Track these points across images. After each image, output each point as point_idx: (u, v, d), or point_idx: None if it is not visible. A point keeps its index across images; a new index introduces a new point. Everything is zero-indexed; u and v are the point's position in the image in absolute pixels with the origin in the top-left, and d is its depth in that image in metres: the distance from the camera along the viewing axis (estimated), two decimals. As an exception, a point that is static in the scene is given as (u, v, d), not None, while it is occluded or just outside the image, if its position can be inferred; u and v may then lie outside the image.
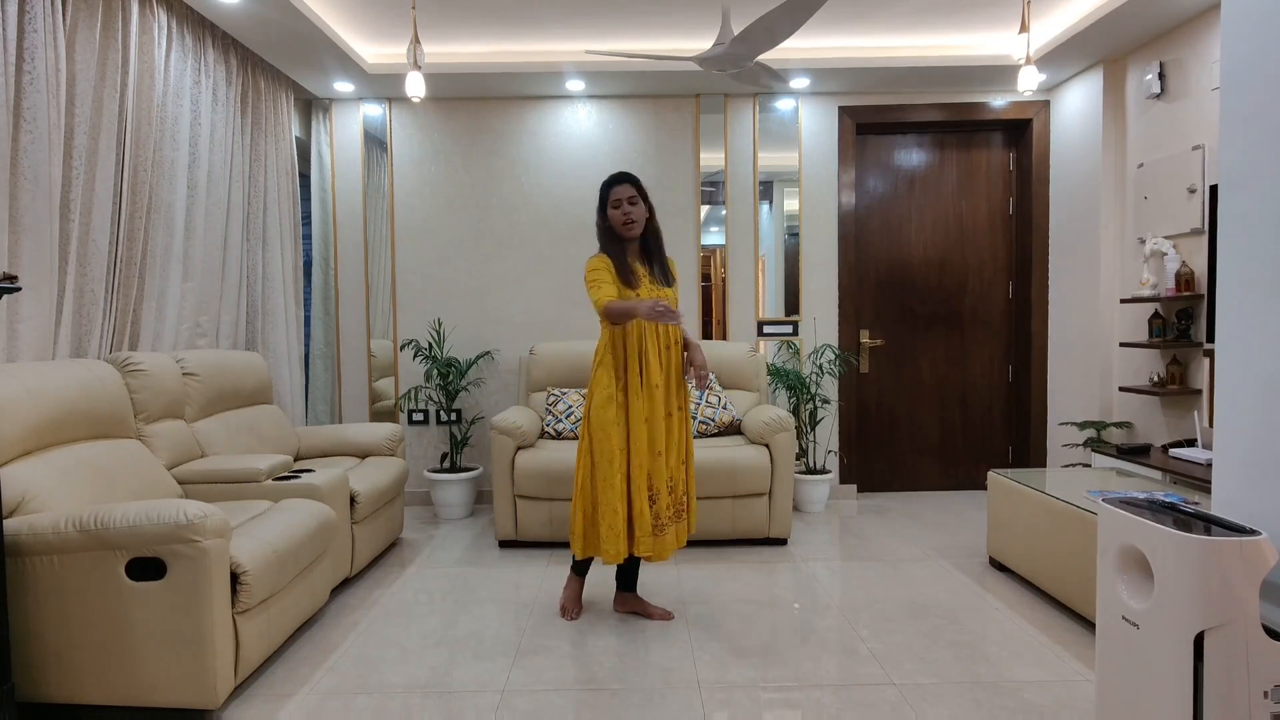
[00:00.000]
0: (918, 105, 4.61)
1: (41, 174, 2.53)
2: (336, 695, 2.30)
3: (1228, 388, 1.74)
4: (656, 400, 2.70)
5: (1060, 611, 2.88)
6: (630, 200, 2.72)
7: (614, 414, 2.67)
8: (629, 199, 2.72)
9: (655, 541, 2.69)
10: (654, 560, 2.71)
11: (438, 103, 4.63)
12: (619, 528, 2.66)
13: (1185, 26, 3.60)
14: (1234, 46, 1.71)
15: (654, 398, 2.70)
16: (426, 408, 4.68)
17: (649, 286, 2.74)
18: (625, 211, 2.71)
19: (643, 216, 2.74)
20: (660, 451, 2.70)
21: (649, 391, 2.70)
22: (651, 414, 2.70)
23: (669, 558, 2.73)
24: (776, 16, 2.63)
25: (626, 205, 2.71)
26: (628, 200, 2.71)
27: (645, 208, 2.76)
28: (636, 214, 2.72)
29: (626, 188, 2.72)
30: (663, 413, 2.71)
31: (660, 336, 2.73)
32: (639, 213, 2.73)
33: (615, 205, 2.73)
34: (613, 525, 2.66)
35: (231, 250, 3.71)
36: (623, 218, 2.72)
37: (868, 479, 4.86)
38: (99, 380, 2.59)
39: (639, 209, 2.73)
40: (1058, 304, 4.53)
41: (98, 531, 2.04)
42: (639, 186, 2.75)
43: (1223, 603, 1.46)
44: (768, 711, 2.18)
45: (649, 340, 2.71)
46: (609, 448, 2.66)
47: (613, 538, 2.66)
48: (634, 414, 2.68)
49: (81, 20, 2.76)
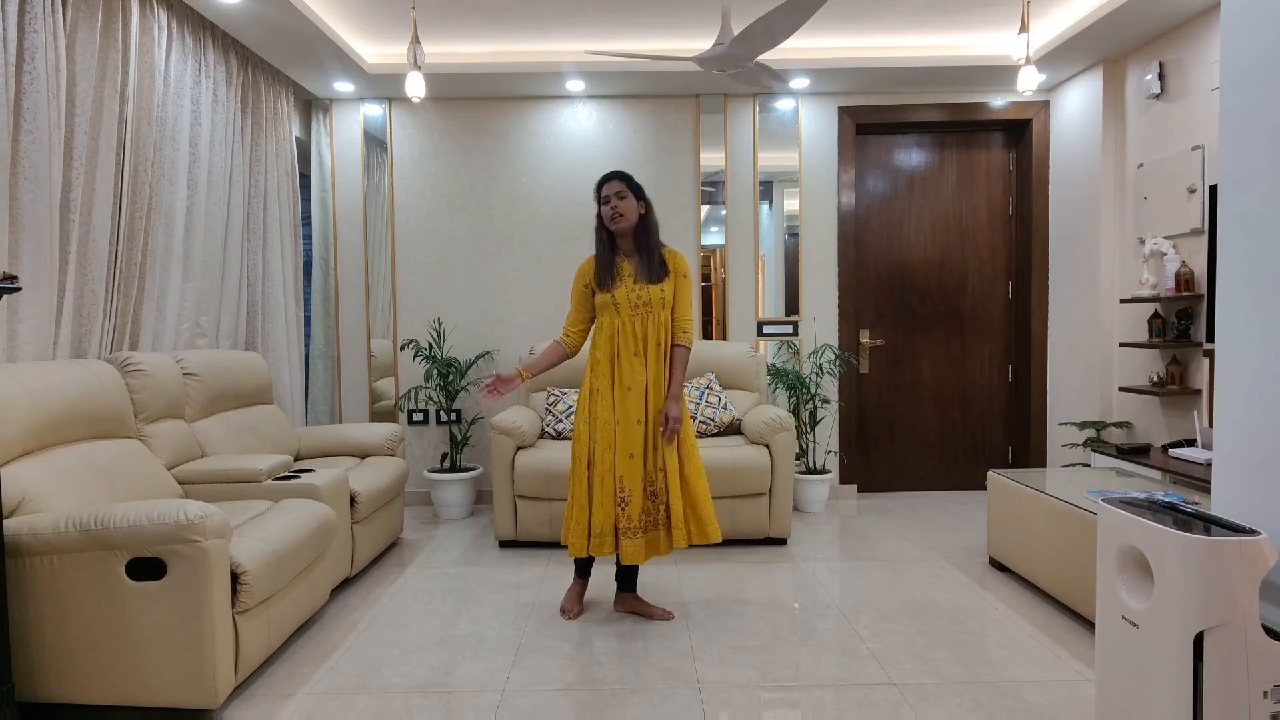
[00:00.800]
0: (918, 105, 4.61)
1: (42, 174, 2.53)
2: (336, 695, 2.30)
3: (1228, 388, 1.74)
4: (629, 404, 2.73)
5: (1060, 611, 2.88)
6: (619, 195, 2.77)
7: (586, 415, 2.77)
8: (617, 193, 2.77)
9: (626, 543, 2.70)
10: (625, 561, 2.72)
11: (438, 103, 4.64)
12: (583, 523, 2.74)
13: (1185, 26, 3.61)
14: (1234, 46, 1.71)
15: (626, 400, 2.73)
16: (426, 408, 4.68)
17: (630, 285, 2.77)
18: (613, 206, 2.77)
19: (632, 210, 2.78)
20: (633, 455, 2.71)
21: (621, 394, 2.74)
22: (624, 417, 2.72)
23: (643, 561, 2.73)
24: (776, 16, 2.63)
25: (615, 200, 2.77)
26: (615, 195, 2.77)
27: (636, 203, 2.79)
28: (624, 208, 2.76)
29: (615, 184, 2.79)
30: (635, 417, 2.72)
31: (635, 339, 2.76)
32: (626, 207, 2.77)
33: (605, 201, 2.79)
34: (578, 521, 2.74)
35: (231, 250, 3.71)
36: (609, 212, 2.78)
37: (868, 479, 4.86)
38: (99, 380, 2.59)
39: (626, 203, 2.77)
40: (1058, 304, 4.53)
41: (98, 531, 2.04)
42: (630, 183, 2.80)
43: (1223, 603, 1.46)
44: (768, 711, 2.18)
45: (621, 342, 2.76)
46: (578, 447, 2.77)
47: (578, 531, 2.74)
48: (603, 417, 2.73)
49: (82, 20, 2.76)
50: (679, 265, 2.83)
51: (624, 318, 2.77)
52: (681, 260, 2.85)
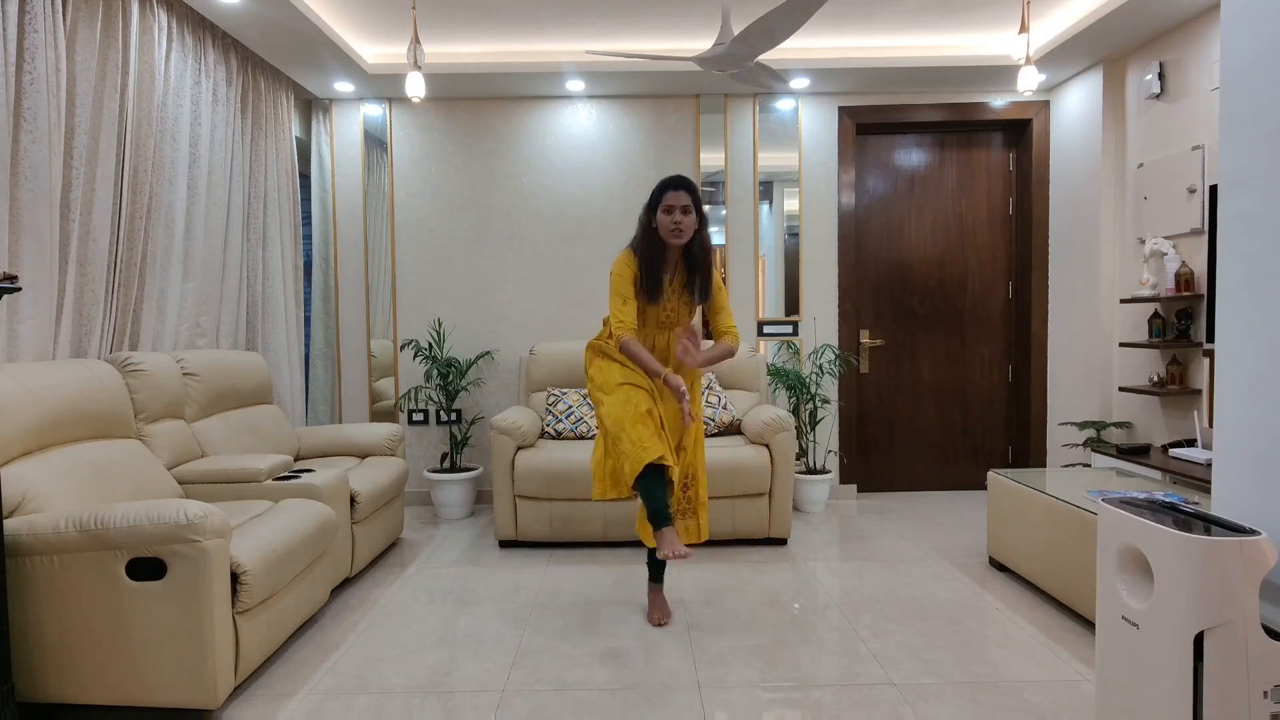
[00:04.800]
0: (918, 105, 4.61)
1: (42, 174, 2.53)
2: (336, 695, 2.30)
3: (1228, 388, 1.74)
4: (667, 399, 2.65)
5: (1060, 611, 2.88)
6: (684, 209, 2.56)
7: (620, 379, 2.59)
8: (682, 207, 2.56)
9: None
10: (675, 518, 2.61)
11: (438, 103, 4.63)
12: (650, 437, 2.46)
13: (1185, 26, 3.61)
14: (1234, 46, 1.71)
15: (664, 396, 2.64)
16: (426, 408, 4.68)
17: (674, 301, 2.67)
18: (676, 221, 2.56)
19: (692, 228, 2.59)
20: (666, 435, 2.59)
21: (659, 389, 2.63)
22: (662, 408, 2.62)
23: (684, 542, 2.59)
24: (776, 16, 2.63)
25: (679, 214, 2.56)
26: (680, 209, 2.56)
27: (697, 219, 2.60)
28: (687, 225, 2.57)
29: (682, 195, 2.56)
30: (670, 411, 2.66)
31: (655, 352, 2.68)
32: (690, 224, 2.58)
33: (667, 211, 2.58)
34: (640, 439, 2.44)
35: (232, 250, 3.71)
36: (672, 225, 2.57)
37: (868, 479, 4.86)
38: (99, 380, 2.59)
39: (690, 220, 2.57)
40: (1058, 304, 4.53)
41: (98, 531, 2.04)
42: (695, 195, 2.59)
43: (1223, 603, 1.46)
44: (768, 711, 2.18)
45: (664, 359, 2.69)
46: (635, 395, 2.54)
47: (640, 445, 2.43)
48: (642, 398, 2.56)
49: (82, 20, 2.76)
50: (718, 280, 2.73)
51: (648, 329, 2.69)
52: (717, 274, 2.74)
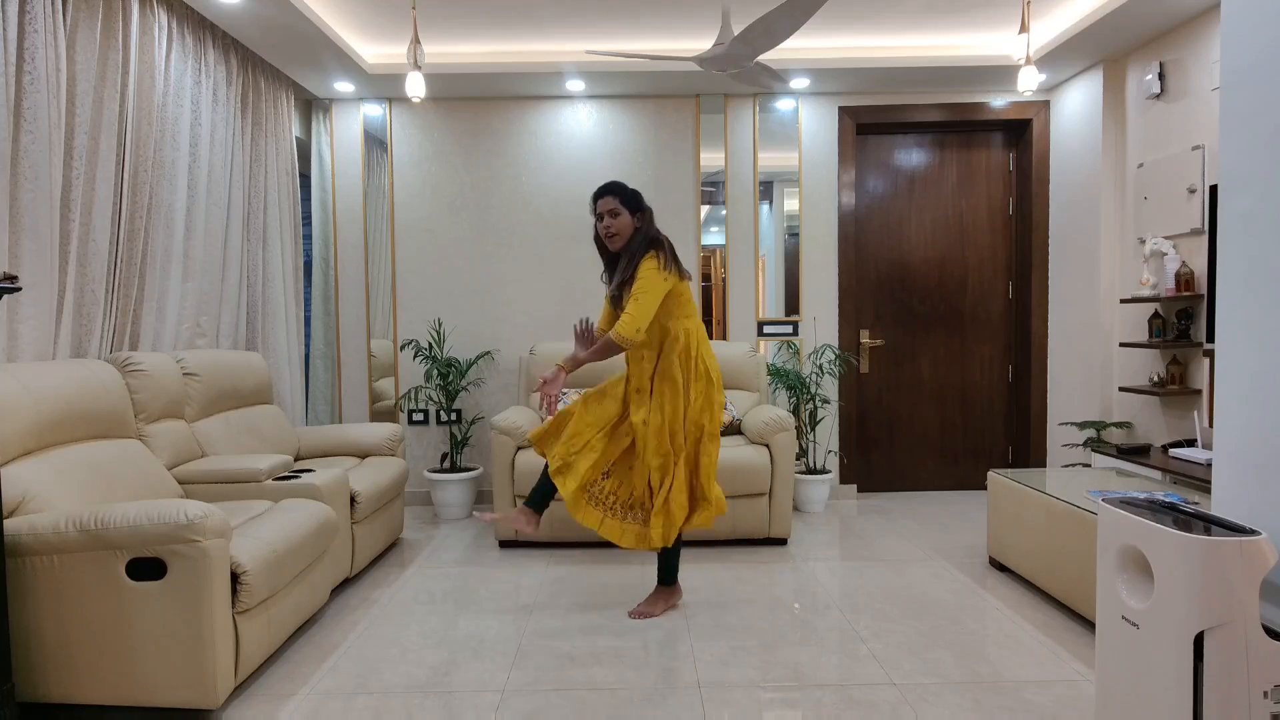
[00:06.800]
0: (918, 105, 4.61)
1: (42, 174, 2.53)
2: (336, 695, 2.30)
3: (1228, 388, 1.74)
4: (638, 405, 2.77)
5: (1060, 611, 2.88)
6: (611, 213, 2.72)
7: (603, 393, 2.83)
8: (609, 211, 2.72)
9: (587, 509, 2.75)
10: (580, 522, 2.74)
11: (438, 103, 4.63)
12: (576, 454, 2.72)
13: (1185, 26, 3.61)
14: (1234, 46, 1.71)
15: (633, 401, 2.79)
16: (426, 408, 4.68)
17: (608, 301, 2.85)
18: (605, 225, 2.73)
19: (625, 227, 2.72)
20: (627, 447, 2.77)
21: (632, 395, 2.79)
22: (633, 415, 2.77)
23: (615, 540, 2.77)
24: (776, 16, 2.63)
25: (607, 218, 2.73)
26: (608, 213, 2.72)
27: (630, 218, 2.72)
28: (616, 226, 2.71)
29: (607, 200, 2.73)
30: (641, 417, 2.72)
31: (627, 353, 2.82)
32: (619, 225, 2.71)
33: (599, 218, 2.76)
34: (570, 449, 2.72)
35: (232, 250, 3.71)
36: (602, 230, 2.75)
37: (868, 479, 4.86)
38: (99, 380, 2.59)
39: (619, 221, 2.71)
40: (1058, 304, 4.53)
41: (98, 531, 2.04)
42: (624, 197, 2.72)
43: (1223, 603, 1.46)
44: (768, 711, 2.18)
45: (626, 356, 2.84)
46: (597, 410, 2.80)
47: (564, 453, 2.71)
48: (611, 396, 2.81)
49: (82, 20, 2.76)
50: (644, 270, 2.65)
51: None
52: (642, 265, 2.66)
